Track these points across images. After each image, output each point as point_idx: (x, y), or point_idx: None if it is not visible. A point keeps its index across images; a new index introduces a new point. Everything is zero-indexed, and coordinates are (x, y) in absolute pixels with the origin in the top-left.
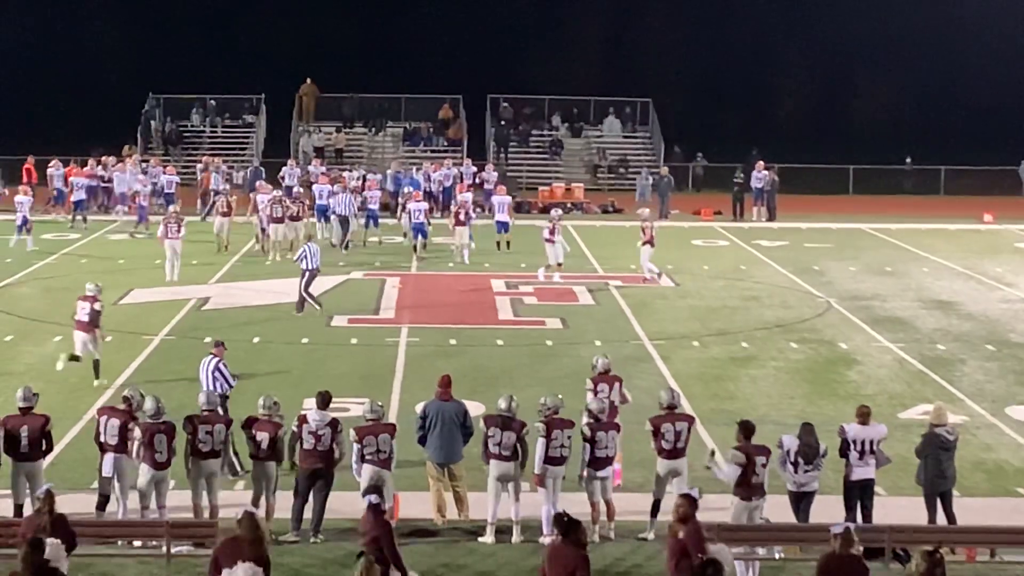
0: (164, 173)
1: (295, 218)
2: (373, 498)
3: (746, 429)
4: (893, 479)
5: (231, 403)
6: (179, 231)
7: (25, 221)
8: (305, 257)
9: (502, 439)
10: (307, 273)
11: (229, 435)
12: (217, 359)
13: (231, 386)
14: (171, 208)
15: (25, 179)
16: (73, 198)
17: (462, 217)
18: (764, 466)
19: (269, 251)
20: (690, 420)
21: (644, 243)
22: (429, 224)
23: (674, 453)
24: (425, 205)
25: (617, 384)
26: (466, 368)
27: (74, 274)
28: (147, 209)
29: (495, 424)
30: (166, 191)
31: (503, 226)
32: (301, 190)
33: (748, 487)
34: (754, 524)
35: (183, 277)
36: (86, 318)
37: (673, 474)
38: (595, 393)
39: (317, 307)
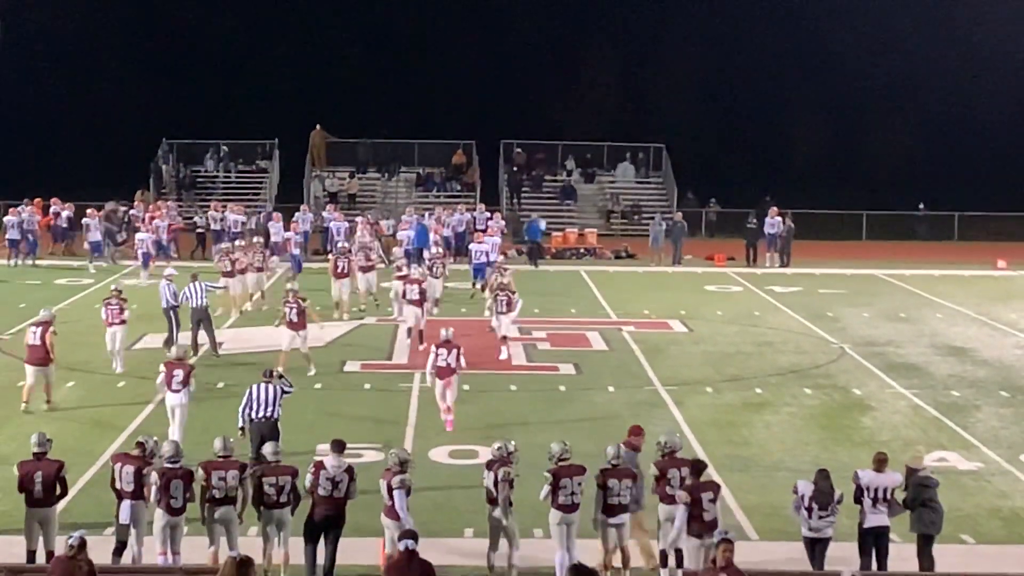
0: (231, 212)
1: (260, 269)
2: (410, 543)
3: (696, 468)
4: (907, 526)
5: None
6: (121, 313)
7: (147, 257)
8: (189, 296)
9: (490, 481)
10: (192, 312)
11: (246, 478)
12: (278, 386)
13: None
14: (113, 287)
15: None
16: (90, 239)
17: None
18: (712, 501)
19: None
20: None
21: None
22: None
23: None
24: (487, 246)
25: (455, 350)
26: (479, 414)
27: (87, 319)
28: (300, 257)
29: (488, 468)
30: (233, 231)
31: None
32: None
33: (699, 524)
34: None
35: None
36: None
37: (674, 520)
38: (436, 356)
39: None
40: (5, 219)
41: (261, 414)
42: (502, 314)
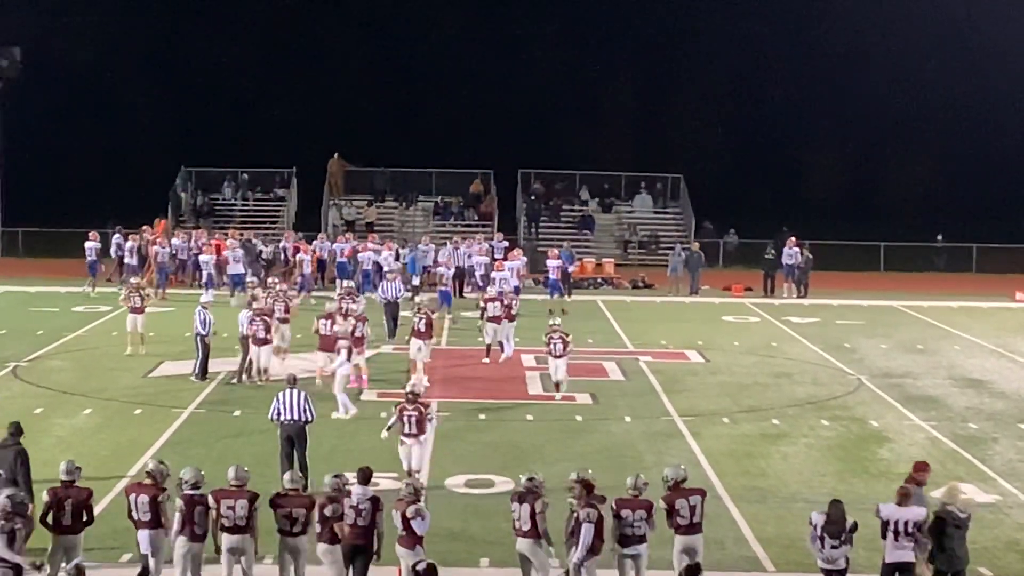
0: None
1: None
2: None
3: (587, 487)
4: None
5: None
6: None
7: (241, 279)
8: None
9: (520, 513)
10: (201, 338)
11: (257, 508)
12: (303, 392)
13: (314, 417)
14: None
15: (218, 249)
16: (230, 271)
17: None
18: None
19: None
20: (702, 493)
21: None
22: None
23: (691, 528)
24: (507, 272)
25: (361, 324)
26: (495, 443)
27: (104, 346)
28: (310, 279)
29: (515, 499)
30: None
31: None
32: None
33: (599, 540)
34: None
35: (215, 346)
36: None
37: (690, 552)
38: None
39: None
40: (127, 245)
41: (288, 417)
42: (411, 436)
